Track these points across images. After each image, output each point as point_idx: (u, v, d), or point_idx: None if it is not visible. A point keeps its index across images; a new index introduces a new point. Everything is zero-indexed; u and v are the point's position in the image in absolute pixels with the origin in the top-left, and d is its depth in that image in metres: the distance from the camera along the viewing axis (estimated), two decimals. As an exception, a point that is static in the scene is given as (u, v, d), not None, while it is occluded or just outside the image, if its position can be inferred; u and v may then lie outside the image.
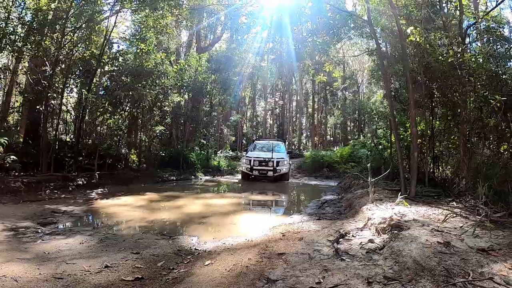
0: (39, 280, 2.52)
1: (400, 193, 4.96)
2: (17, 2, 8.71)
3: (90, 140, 10.85)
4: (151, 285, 2.57)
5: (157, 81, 11.69)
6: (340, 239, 3.39)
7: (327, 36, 10.66)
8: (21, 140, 10.16)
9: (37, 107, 8.92)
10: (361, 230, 3.80)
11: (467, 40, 6.65)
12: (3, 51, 8.91)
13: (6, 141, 7.81)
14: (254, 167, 12.76)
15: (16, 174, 7.64)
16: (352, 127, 37.41)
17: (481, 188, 3.81)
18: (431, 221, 3.36)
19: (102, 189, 8.23)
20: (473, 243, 2.63)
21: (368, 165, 5.47)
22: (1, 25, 8.02)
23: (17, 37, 8.40)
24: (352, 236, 3.53)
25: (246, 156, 13.60)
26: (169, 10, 11.44)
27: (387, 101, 7.61)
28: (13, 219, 4.67)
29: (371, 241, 3.16)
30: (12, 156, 7.61)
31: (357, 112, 28.54)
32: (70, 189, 7.78)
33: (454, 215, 3.52)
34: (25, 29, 8.71)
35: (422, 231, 2.97)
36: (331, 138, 41.90)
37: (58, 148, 9.66)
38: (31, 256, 3.14)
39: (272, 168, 12.56)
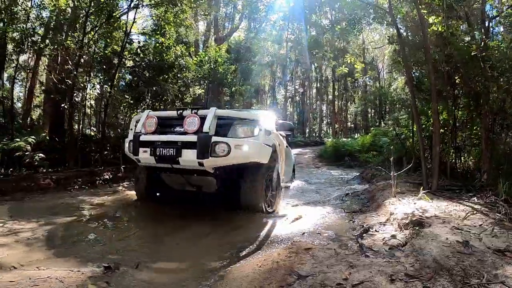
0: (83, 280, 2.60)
1: (422, 187, 5.05)
2: (35, 3, 8.95)
3: (113, 135, 11.11)
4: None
5: (179, 75, 11.86)
6: (364, 234, 3.53)
7: (348, 27, 10.61)
8: (47, 137, 10.48)
9: (62, 104, 9.17)
10: (384, 225, 3.94)
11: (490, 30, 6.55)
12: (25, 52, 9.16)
13: (34, 140, 8.15)
14: (144, 139, 4.63)
15: (44, 171, 7.89)
16: (373, 114, 36.96)
17: (501, 186, 3.86)
18: (451, 218, 3.47)
19: (128, 182, 8.50)
20: (490, 243, 2.74)
21: (391, 158, 5.51)
22: (22, 27, 8.23)
23: (37, 37, 8.62)
24: (375, 231, 3.68)
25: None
26: (189, 5, 11.53)
27: (408, 88, 7.59)
28: (48, 215, 4.85)
29: (393, 237, 3.31)
30: (40, 154, 7.93)
31: (378, 99, 28.17)
32: (97, 183, 8.08)
33: (475, 212, 3.62)
34: (44, 28, 8.95)
35: (443, 229, 3.11)
36: (352, 125, 41.56)
37: (83, 144, 10.03)
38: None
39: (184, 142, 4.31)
